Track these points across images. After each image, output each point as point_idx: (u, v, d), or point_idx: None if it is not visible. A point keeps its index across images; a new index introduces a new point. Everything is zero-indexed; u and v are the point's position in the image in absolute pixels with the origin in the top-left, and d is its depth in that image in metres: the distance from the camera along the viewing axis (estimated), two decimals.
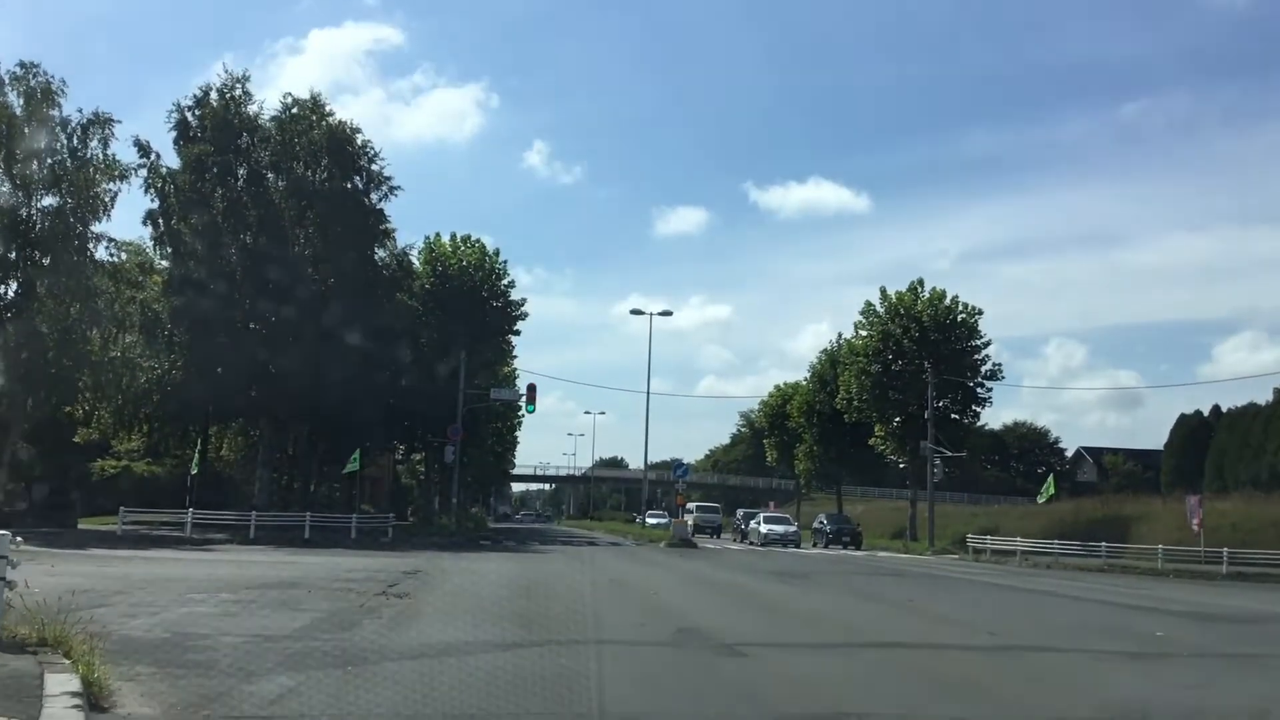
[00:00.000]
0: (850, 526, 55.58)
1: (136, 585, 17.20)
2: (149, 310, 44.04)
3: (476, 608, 15.19)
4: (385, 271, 49.38)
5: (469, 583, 20.77)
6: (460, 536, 46.98)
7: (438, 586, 19.56)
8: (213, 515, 39.09)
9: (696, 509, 62.75)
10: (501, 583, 21.01)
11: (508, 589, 19.40)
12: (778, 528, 53.75)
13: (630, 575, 24.59)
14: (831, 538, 53.68)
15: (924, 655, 11.91)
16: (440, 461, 57.49)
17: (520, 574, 24.17)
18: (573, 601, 17.09)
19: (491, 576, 22.83)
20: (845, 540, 52.76)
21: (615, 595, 18.70)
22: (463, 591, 18.45)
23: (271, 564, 24.79)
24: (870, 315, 56.67)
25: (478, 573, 24.03)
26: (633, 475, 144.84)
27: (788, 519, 58.45)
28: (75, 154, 39.28)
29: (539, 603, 16.51)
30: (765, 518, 57.06)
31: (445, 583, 20.67)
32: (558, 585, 20.60)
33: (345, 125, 47.34)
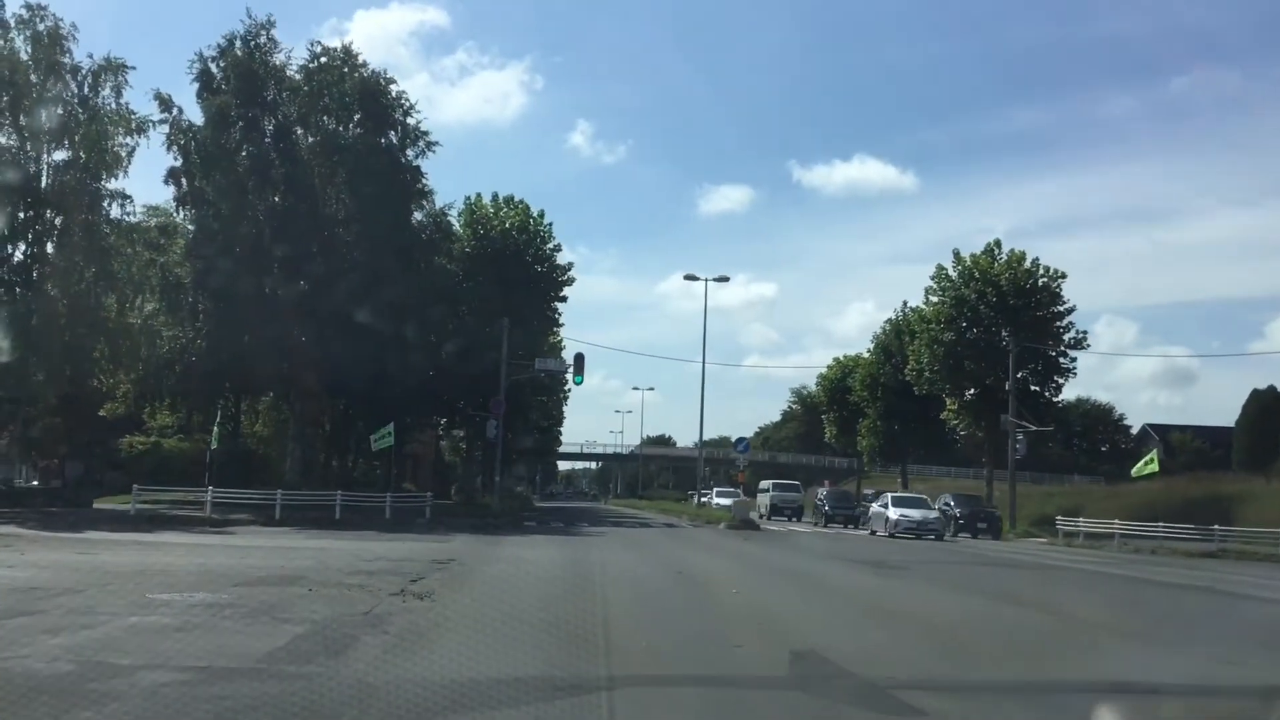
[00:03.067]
0: (986, 511, 45.22)
1: (99, 581, 14.00)
2: (170, 275, 41.22)
3: (513, 615, 11.79)
4: (422, 234, 46.18)
5: (508, 576, 17.40)
6: (503, 517, 43.76)
7: (469, 582, 16.20)
8: (237, 494, 36.02)
9: (773, 487, 57.51)
10: (546, 576, 17.62)
11: (554, 585, 16.01)
12: (913, 512, 40.88)
13: (697, 565, 21.09)
14: (963, 524, 43.12)
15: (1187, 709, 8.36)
16: (483, 437, 54.30)
17: (568, 563, 20.80)
18: (635, 605, 13.63)
19: (535, 567, 19.46)
20: (981, 528, 42.72)
21: (687, 595, 15.21)
22: (499, 589, 15.08)
23: (283, 550, 21.59)
24: (942, 280, 52.67)
25: (519, 562, 20.67)
26: (682, 453, 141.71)
27: (923, 500, 44.34)
28: (86, 103, 36.44)
29: (593, 607, 13.07)
30: (895, 499, 43.99)
31: (479, 576, 17.32)
32: (614, 579, 17.17)
33: (379, 76, 44.09)
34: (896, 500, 43.68)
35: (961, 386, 52.15)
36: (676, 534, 36.93)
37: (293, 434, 45.24)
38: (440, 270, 46.44)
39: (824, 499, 52.37)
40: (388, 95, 43.96)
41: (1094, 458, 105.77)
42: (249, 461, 47.66)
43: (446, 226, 47.84)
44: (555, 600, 13.65)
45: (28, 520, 28.73)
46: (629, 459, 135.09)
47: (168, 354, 42.41)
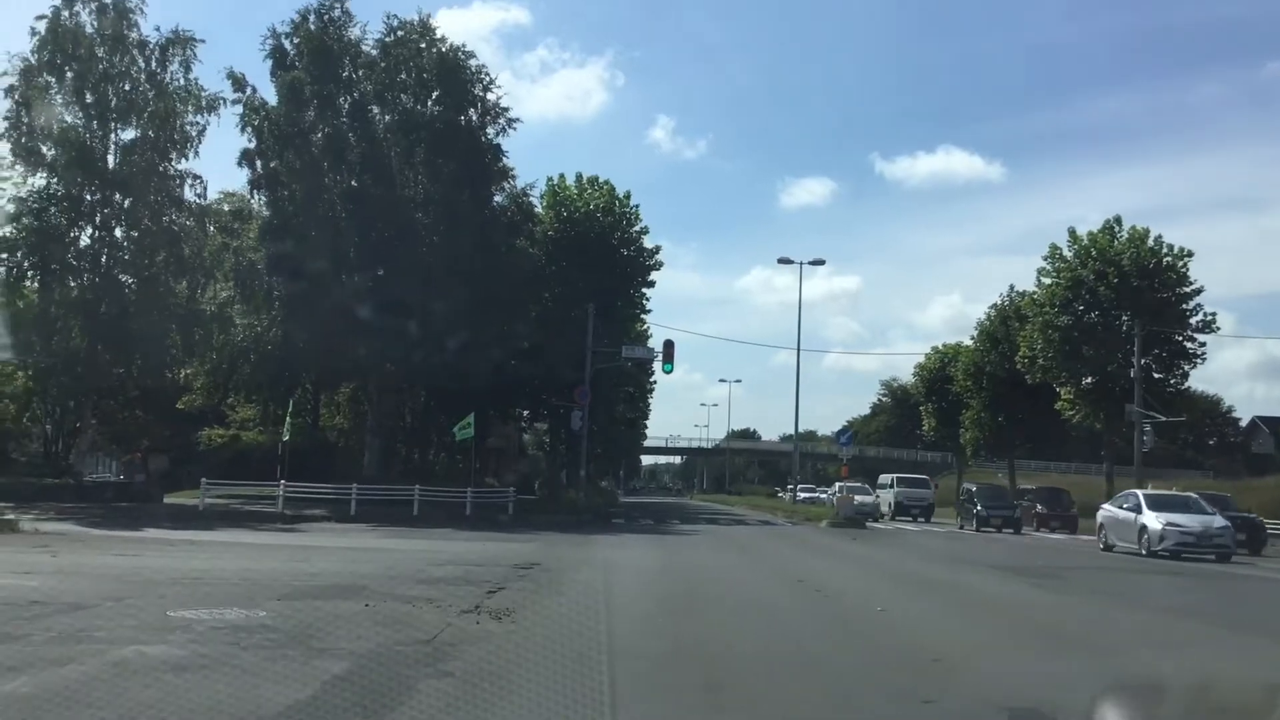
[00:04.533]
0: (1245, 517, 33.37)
1: (119, 592, 11.77)
2: (243, 260, 39.55)
3: (614, 646, 9.27)
4: (503, 216, 43.88)
5: (600, 588, 14.88)
6: (589, 514, 41.45)
7: (556, 595, 13.72)
8: (312, 489, 34.13)
9: (896, 482, 52.32)
10: (646, 587, 15.11)
11: (657, 599, 13.49)
12: (1192, 522, 27.32)
13: (817, 573, 18.35)
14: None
15: None
16: (567, 430, 52.05)
17: (668, 569, 18.27)
18: (766, 631, 10.94)
19: (631, 576, 16.95)
20: None
21: (823, 615, 12.50)
22: (591, 607, 12.56)
23: (350, 552, 19.39)
24: (1056, 260, 49.03)
25: (612, 568, 18.17)
26: (767, 447, 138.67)
27: (1192, 500, 29.64)
28: (154, 79, 34.81)
29: (712, 634, 10.48)
30: (1151, 498, 29.78)
31: (567, 587, 14.83)
32: (726, 593, 14.61)
33: (458, 50, 41.82)
34: (1155, 501, 29.23)
35: (1078, 374, 48.50)
36: (778, 533, 34.20)
37: (371, 426, 43.39)
38: (522, 254, 44.12)
39: (974, 497, 43.61)
40: (467, 70, 41.76)
41: (1201, 451, 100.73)
42: (327, 454, 45.95)
43: (528, 208, 45.50)
44: (662, 623, 11.12)
45: (90, 517, 27.07)
46: (714, 453, 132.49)
47: (242, 342, 40.84)
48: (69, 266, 34.92)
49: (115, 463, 68.29)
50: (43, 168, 33.76)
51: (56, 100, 33.60)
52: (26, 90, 32.68)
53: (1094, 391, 48.29)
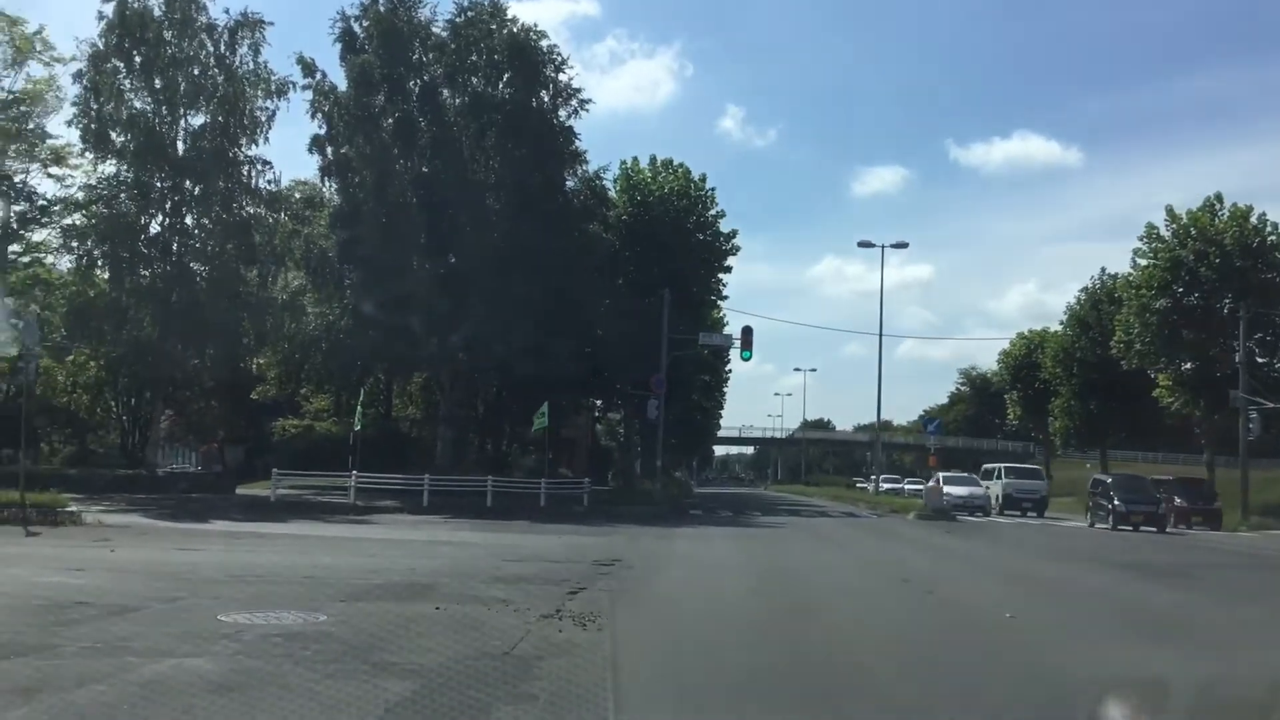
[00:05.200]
0: None
1: (170, 593, 10.83)
2: (314, 247, 38.91)
3: (717, 661, 8.09)
4: (576, 200, 42.75)
5: (692, 588, 13.68)
6: (665, 505, 40.24)
7: (644, 597, 12.54)
8: (384, 479, 33.36)
9: (1005, 472, 45.74)
10: (742, 585, 13.88)
11: (758, 601, 12.26)
12: None
13: (922, 570, 16.88)
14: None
15: None
16: (642, 419, 50.89)
17: (761, 567, 17.00)
18: (889, 644, 9.55)
19: (722, 573, 15.70)
20: None
21: (944, 622, 11.09)
22: (685, 610, 11.35)
23: (421, 546, 18.41)
24: (1153, 240, 46.67)
25: (700, 565, 16.96)
26: (842, 436, 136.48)
27: None
28: (223, 62, 34.18)
29: (831, 645, 9.19)
30: None
31: (655, 588, 13.64)
32: (831, 593, 13.33)
33: (529, 31, 40.75)
34: None
35: (1177, 359, 46.19)
36: (865, 526, 32.68)
37: (443, 416, 42.59)
38: (595, 239, 42.98)
39: (1108, 489, 36.63)
40: (538, 51, 40.65)
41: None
42: (400, 445, 45.32)
43: (601, 192, 44.32)
44: (771, 633, 9.86)
45: (160, 509, 26.51)
46: (788, 443, 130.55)
47: (313, 331, 40.27)
48: (140, 254, 34.53)
49: (194, 454, 68.92)
50: (112, 154, 33.37)
51: (125, 85, 33.15)
52: (95, 76, 32.26)
53: (1194, 377, 45.95)
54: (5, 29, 32.16)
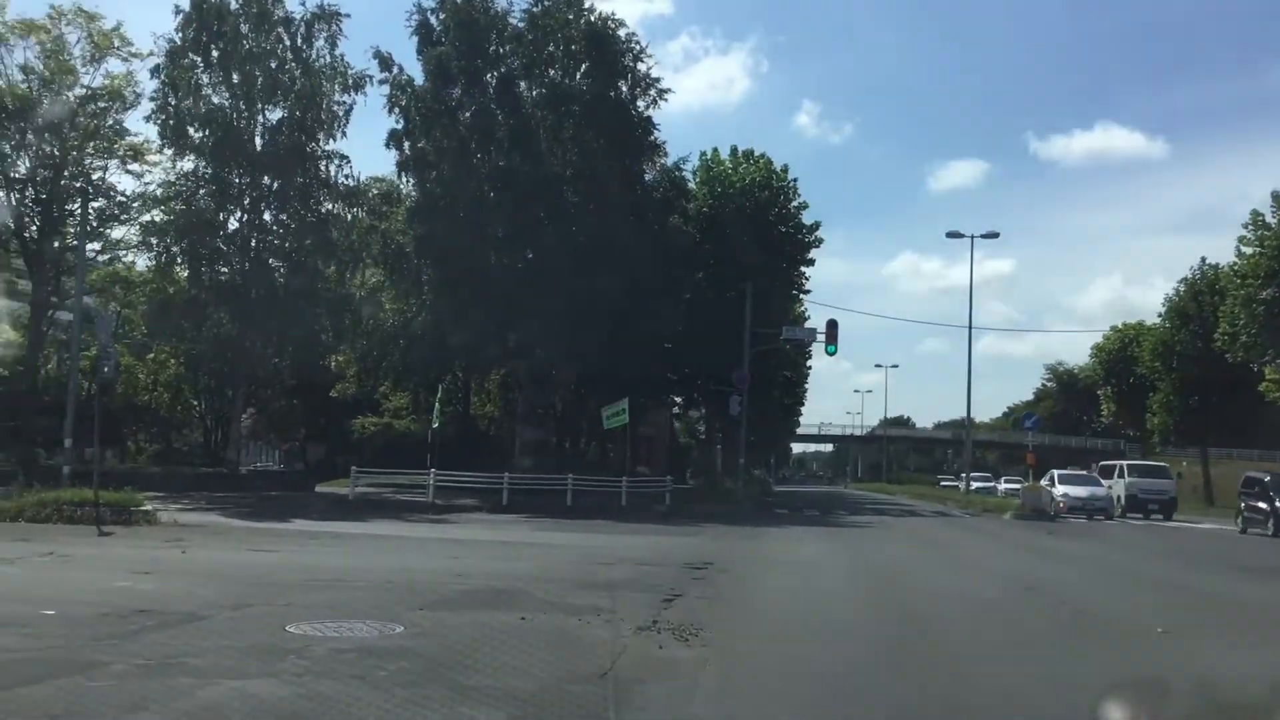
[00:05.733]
0: None
1: (239, 599, 10.08)
2: (392, 242, 38.48)
3: (845, 686, 7.04)
4: (655, 192, 41.81)
5: (795, 594, 12.64)
6: (748, 504, 39.24)
7: (746, 606, 11.55)
8: (462, 478, 32.77)
9: (1128, 471, 40.89)
10: (849, 593, 12.83)
11: (873, 613, 11.20)
12: None
13: (1040, 576, 15.64)
14: None
15: None
16: (722, 416, 49.84)
17: (862, 570, 15.92)
18: (1038, 667, 8.36)
19: (821, 577, 14.65)
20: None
21: (1092, 639, 9.85)
22: (795, 624, 10.33)
23: (503, 548, 17.61)
24: (1259, 227, 44.48)
25: (796, 568, 15.90)
26: (923, 434, 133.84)
27: None
28: (300, 56, 33.84)
29: (970, 669, 8.10)
30: None
31: (754, 594, 12.64)
32: (946, 601, 12.18)
33: (607, 20, 39.87)
34: None
35: None
36: (961, 526, 31.30)
37: (521, 413, 41.95)
38: (675, 232, 41.99)
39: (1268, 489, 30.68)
40: (617, 40, 39.78)
41: None
42: (478, 443, 44.87)
43: (681, 183, 43.32)
44: (898, 654, 8.78)
45: (239, 507, 26.16)
46: (868, 441, 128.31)
47: (391, 328, 39.89)
48: (218, 251, 34.34)
49: (276, 452, 69.48)
50: (190, 150, 33.17)
51: (203, 80, 32.96)
52: (173, 71, 32.08)
53: None
54: (83, 25, 32.11)
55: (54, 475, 24.72)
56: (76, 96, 32.67)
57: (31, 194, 33.09)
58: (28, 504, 18.40)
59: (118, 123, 33.76)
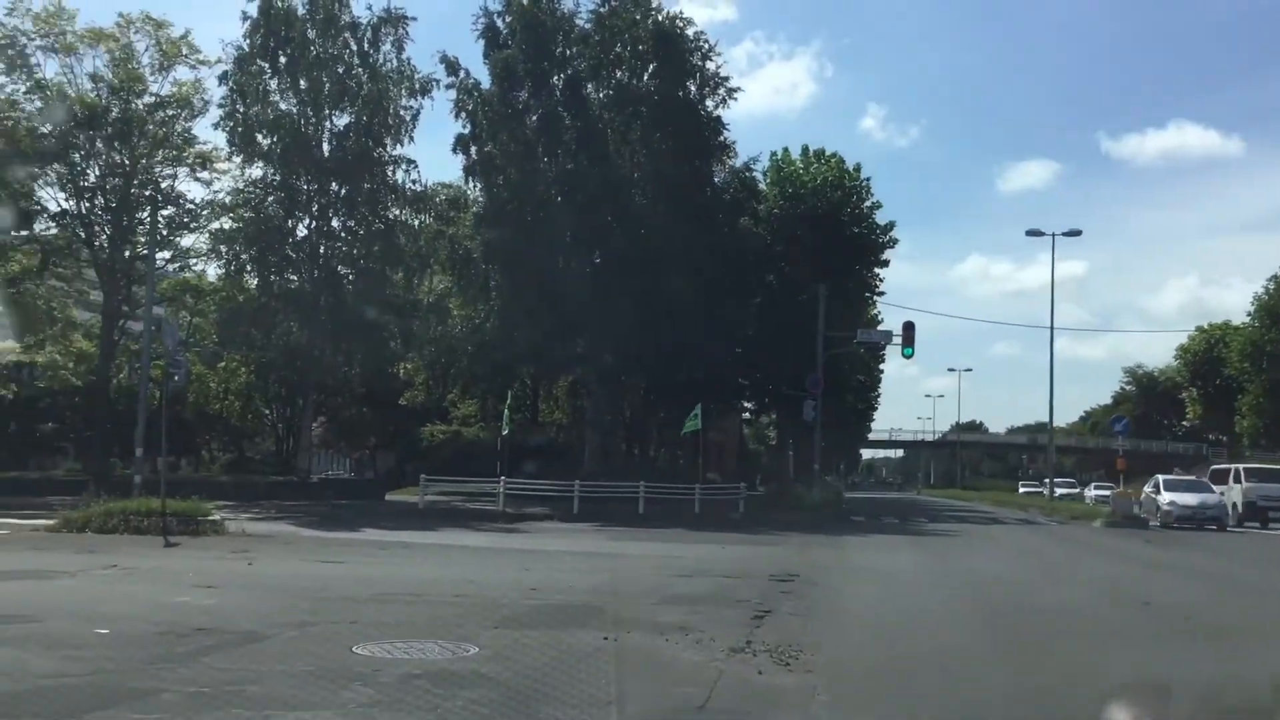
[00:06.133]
0: None
1: (305, 615, 9.49)
2: (459, 248, 38.14)
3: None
4: (725, 193, 41.04)
5: (893, 610, 11.76)
6: (823, 511, 38.17)
7: (843, 623, 10.74)
8: (532, 485, 32.25)
9: (1244, 475, 36.70)
10: (952, 609, 11.92)
11: (985, 634, 10.31)
12: None
13: (1157, 591, 14.57)
14: None
15: None
16: (794, 421, 48.81)
17: (960, 582, 14.96)
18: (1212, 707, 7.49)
19: (919, 592, 13.78)
20: None
21: (1249, 668, 8.95)
22: (900, 644, 9.47)
23: (577, 558, 16.94)
24: None
25: (889, 580, 15.02)
26: (994, 439, 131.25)
27: None
28: (366, 60, 33.61)
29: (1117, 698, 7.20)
30: None
31: (851, 611, 11.80)
32: (1067, 617, 11.26)
33: (675, 19, 39.25)
34: None
35: None
36: (1050, 534, 30.05)
37: (590, 419, 41.41)
38: (746, 233, 41.19)
39: None
40: (685, 39, 39.13)
41: None
42: (547, 450, 44.34)
43: (751, 184, 42.50)
44: (1024, 684, 7.90)
45: (309, 516, 25.84)
46: (939, 446, 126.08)
47: (459, 334, 39.53)
48: (287, 259, 34.19)
49: (347, 460, 69.72)
50: (258, 157, 33.06)
51: (270, 87, 32.84)
52: (240, 77, 32.00)
53: None
54: (151, 33, 32.15)
55: (125, 485, 24.57)
56: (145, 104, 32.76)
57: (101, 202, 33.22)
58: (95, 514, 18.11)
59: (186, 130, 33.84)
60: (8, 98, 31.64)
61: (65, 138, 31.82)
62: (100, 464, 32.21)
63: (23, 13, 31.12)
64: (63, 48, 31.48)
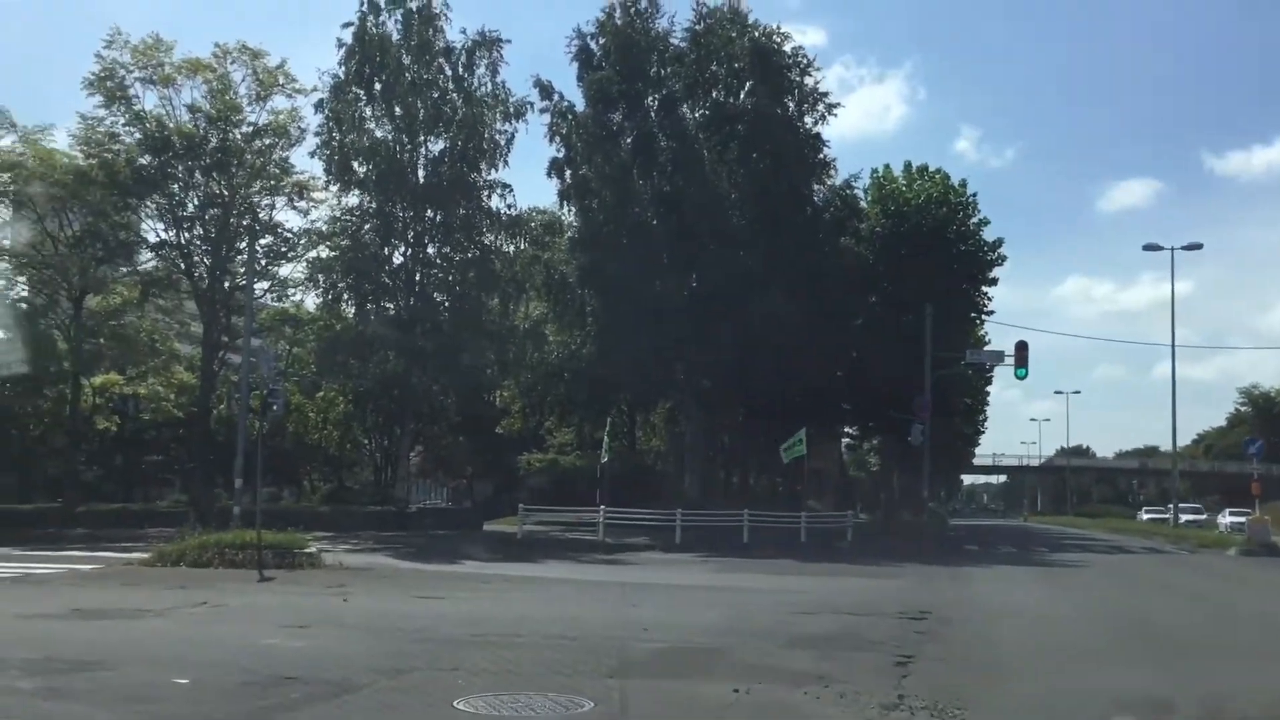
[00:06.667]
0: None
1: (402, 660, 8.66)
2: (555, 272, 37.55)
3: None
4: (826, 212, 39.84)
5: (1052, 655, 10.52)
6: (933, 540, 36.65)
7: (999, 671, 9.58)
8: (632, 514, 31.31)
9: None
10: (1117, 655, 10.68)
11: (1164, 684, 9.03)
12: None
13: None
14: None
15: None
16: (898, 446, 47.26)
17: (1110, 620, 13.70)
18: None
19: (1073, 632, 12.53)
20: None
21: None
22: (1074, 698, 8.27)
23: (686, 593, 15.95)
24: None
25: (1033, 619, 13.74)
26: (1103, 464, 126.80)
27: None
28: (461, 85, 33.26)
29: None
30: None
31: (1003, 656, 10.58)
32: (1264, 664, 9.93)
33: (772, 35, 38.30)
34: None
35: None
36: (1183, 564, 28.16)
37: (689, 446, 40.35)
38: (848, 253, 39.94)
39: None
40: (782, 54, 38.18)
41: None
42: (645, 478, 43.40)
43: (853, 202, 41.24)
44: None
45: (407, 547, 25.27)
46: (1045, 471, 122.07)
47: (555, 360, 38.89)
48: (383, 286, 33.86)
49: (444, 489, 69.75)
50: (354, 185, 32.87)
51: (366, 114, 32.66)
52: (336, 105, 31.85)
53: None
54: (248, 63, 32.23)
55: (225, 516, 24.27)
56: (243, 134, 32.82)
57: (200, 233, 33.32)
58: (190, 547, 17.64)
59: (283, 159, 33.82)
60: (107, 130, 31.93)
61: (164, 168, 31.97)
62: (202, 495, 32.15)
63: (121, 45, 31.41)
64: (161, 79, 31.69)
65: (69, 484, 33.64)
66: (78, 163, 31.40)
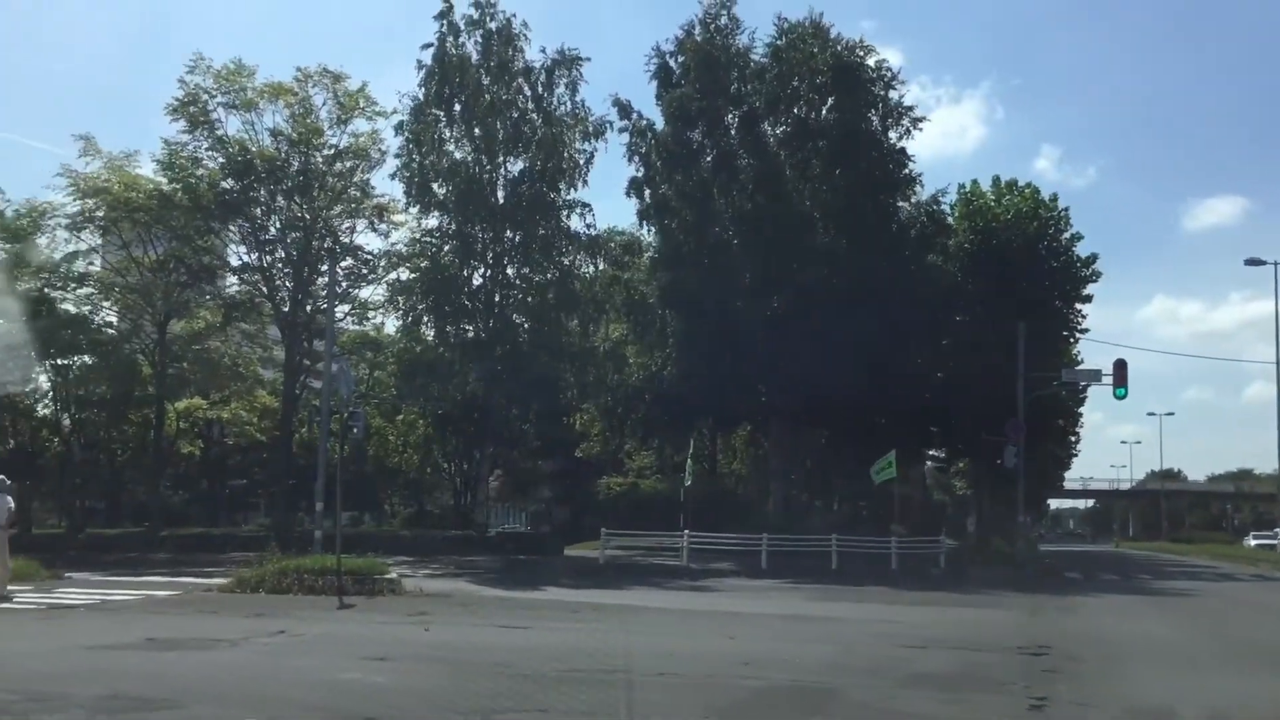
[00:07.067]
0: None
1: (488, 697, 8.00)
2: (635, 293, 37.02)
3: None
4: (912, 229, 38.77)
5: (1205, 697, 9.51)
6: (1030, 567, 35.20)
7: (1144, 713, 8.59)
8: (716, 539, 30.51)
9: None
10: None
11: None
12: None
13: None
14: None
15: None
16: (988, 469, 45.77)
17: (1254, 658, 12.51)
18: None
19: (1217, 673, 11.47)
20: None
21: None
22: None
23: (781, 622, 15.16)
24: None
25: (1166, 655, 12.68)
26: (1197, 487, 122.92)
27: None
28: (540, 104, 32.95)
29: None
30: None
31: (1145, 695, 9.62)
32: None
33: (856, 48, 37.46)
34: None
35: None
36: None
37: (772, 470, 39.45)
38: (934, 270, 38.72)
39: None
40: (865, 69, 37.30)
41: None
42: (726, 501, 42.55)
43: (940, 218, 40.07)
44: None
45: (488, 572, 24.79)
46: (1137, 495, 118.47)
47: (636, 382, 38.25)
48: (462, 308, 33.56)
49: (524, 513, 69.54)
50: (434, 207, 32.69)
51: (445, 135, 32.48)
52: (416, 127, 31.72)
53: None
54: (328, 86, 32.30)
55: (306, 540, 23.98)
56: (324, 157, 32.87)
57: (282, 256, 33.38)
58: (269, 573, 17.23)
59: (364, 181, 33.83)
60: (191, 154, 32.16)
61: (246, 192, 32.10)
62: (284, 519, 32.04)
63: (204, 70, 31.69)
64: (243, 104, 31.88)
65: (153, 508, 33.78)
66: (162, 187, 31.66)
